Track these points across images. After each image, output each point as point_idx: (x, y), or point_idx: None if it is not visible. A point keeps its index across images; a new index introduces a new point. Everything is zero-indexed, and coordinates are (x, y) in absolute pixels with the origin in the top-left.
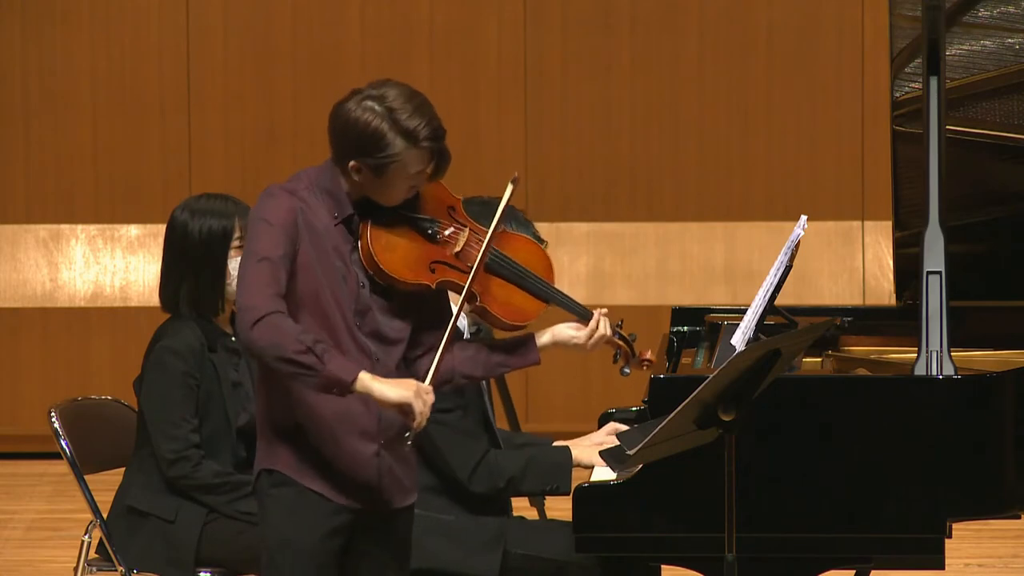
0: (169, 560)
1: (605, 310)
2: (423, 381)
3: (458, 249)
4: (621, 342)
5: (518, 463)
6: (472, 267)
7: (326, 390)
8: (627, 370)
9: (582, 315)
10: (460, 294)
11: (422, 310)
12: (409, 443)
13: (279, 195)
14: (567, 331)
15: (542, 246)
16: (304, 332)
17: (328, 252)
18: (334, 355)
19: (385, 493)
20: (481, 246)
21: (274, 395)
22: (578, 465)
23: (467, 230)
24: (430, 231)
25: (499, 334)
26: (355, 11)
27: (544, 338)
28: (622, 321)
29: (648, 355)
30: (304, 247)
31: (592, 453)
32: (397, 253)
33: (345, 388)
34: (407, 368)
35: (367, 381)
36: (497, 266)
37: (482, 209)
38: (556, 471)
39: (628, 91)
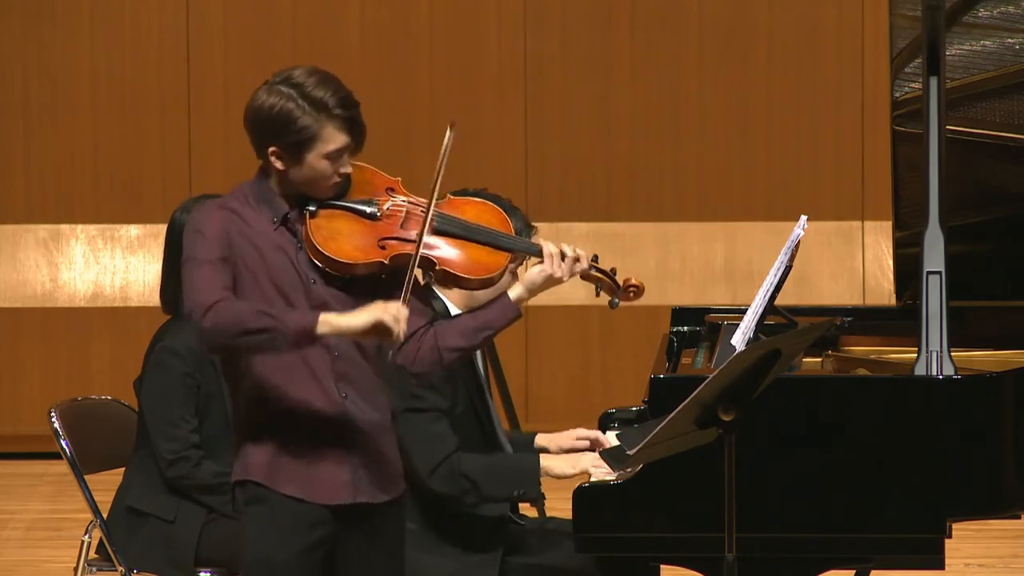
0: (169, 560)
1: (566, 246)
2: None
3: (402, 222)
4: (600, 275)
5: (481, 465)
6: (419, 234)
7: (297, 346)
8: (616, 301)
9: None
10: (414, 264)
11: (382, 296)
12: (392, 359)
13: (211, 208)
14: (534, 272)
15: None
16: (254, 304)
17: (272, 256)
18: (288, 311)
19: (363, 489)
20: (426, 214)
21: (246, 403)
22: (546, 474)
23: (408, 202)
24: (369, 211)
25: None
26: (355, 11)
27: (516, 290)
28: (597, 256)
29: (633, 280)
30: (244, 257)
31: (564, 465)
32: (342, 239)
33: (311, 333)
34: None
35: (330, 320)
36: (445, 226)
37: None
38: (520, 475)
39: (628, 91)
